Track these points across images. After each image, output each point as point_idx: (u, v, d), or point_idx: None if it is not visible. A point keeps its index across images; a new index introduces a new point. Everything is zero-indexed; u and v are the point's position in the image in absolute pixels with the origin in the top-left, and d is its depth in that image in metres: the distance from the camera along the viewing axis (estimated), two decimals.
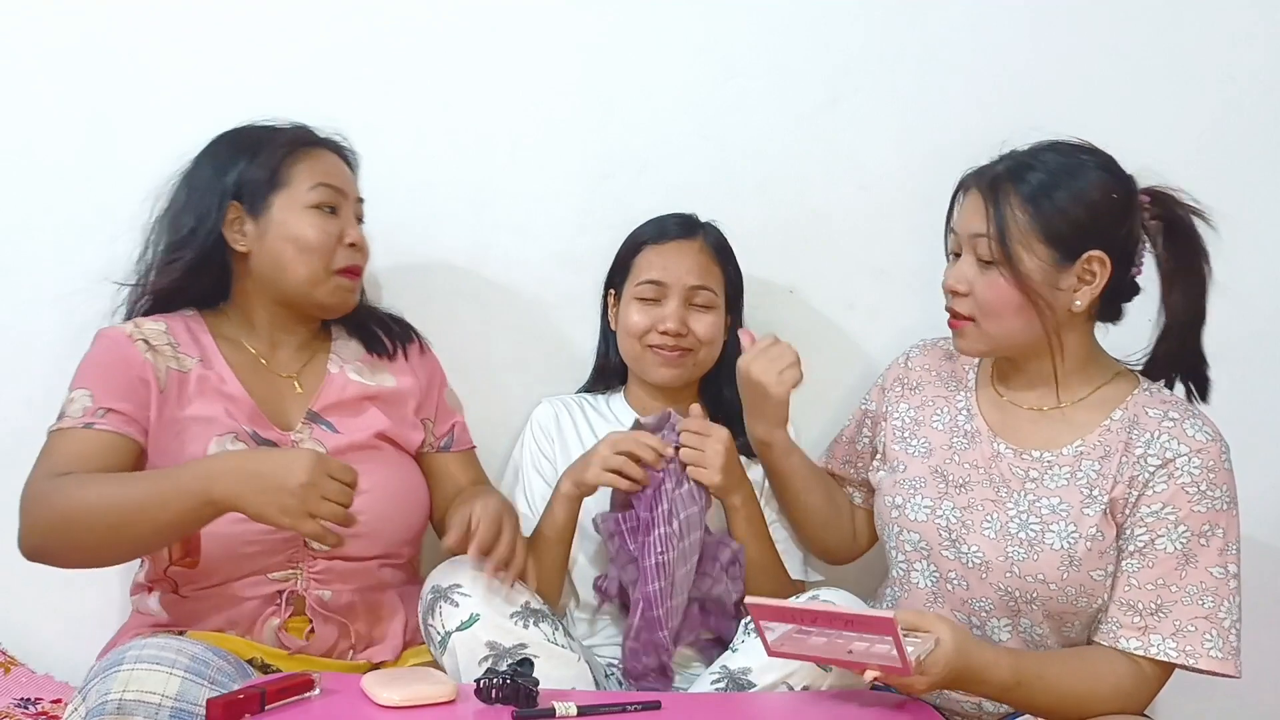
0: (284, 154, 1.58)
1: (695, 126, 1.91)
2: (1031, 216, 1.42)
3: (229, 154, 1.59)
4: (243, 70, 1.85)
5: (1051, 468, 1.47)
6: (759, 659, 1.42)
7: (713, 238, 1.78)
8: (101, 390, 1.50)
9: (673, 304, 1.72)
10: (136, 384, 1.52)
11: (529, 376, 1.91)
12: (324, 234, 1.57)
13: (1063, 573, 1.42)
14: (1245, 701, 1.97)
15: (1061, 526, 1.44)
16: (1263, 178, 1.93)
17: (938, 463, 1.56)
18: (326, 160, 1.62)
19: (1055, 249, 1.42)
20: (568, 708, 1.28)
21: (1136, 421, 1.45)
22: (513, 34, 1.88)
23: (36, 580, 1.88)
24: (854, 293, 1.95)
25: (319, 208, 1.58)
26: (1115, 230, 1.43)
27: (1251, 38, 1.92)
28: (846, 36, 1.91)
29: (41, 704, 1.74)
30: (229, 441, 1.52)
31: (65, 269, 1.82)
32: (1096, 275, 1.43)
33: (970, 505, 1.50)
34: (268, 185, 1.57)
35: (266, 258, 1.58)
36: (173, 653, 1.31)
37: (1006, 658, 1.38)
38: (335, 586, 1.55)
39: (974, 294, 1.47)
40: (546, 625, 1.48)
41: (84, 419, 1.48)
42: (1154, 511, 1.40)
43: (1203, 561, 1.39)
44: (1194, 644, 1.38)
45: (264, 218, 1.57)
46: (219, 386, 1.56)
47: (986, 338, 1.48)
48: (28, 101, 1.84)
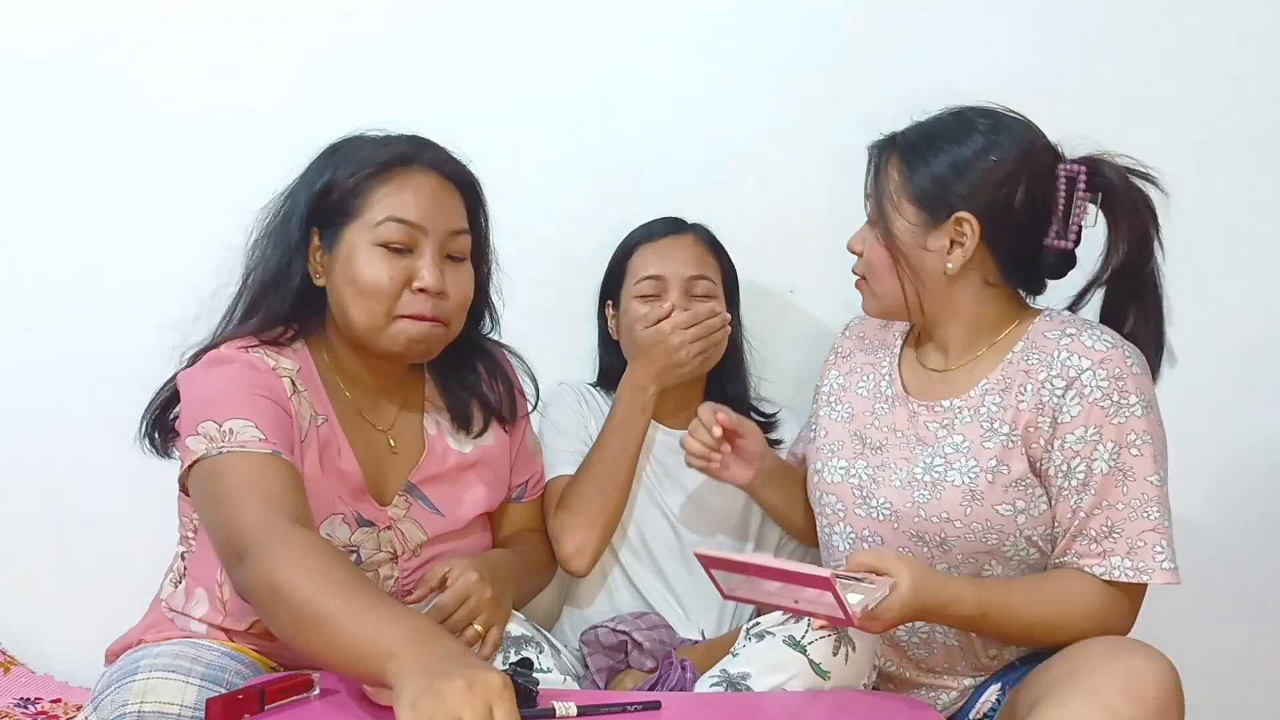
0: (364, 178, 1.39)
1: (695, 126, 1.91)
2: (904, 177, 1.44)
3: (316, 171, 1.42)
4: (243, 70, 1.85)
5: (960, 412, 1.46)
6: (758, 664, 1.42)
7: (703, 233, 1.79)
8: (267, 423, 1.29)
9: (674, 296, 1.72)
10: (287, 422, 1.33)
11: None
12: (383, 277, 1.37)
13: (965, 508, 1.41)
14: (1245, 701, 1.97)
15: (962, 463, 1.43)
16: (1263, 178, 1.93)
17: (858, 427, 1.56)
18: (413, 187, 1.41)
19: (922, 209, 1.43)
20: (568, 708, 1.28)
21: (1035, 346, 1.43)
22: (512, 34, 1.88)
23: (36, 580, 1.89)
24: (854, 293, 1.93)
25: (386, 246, 1.38)
26: (991, 193, 1.40)
27: (1252, 38, 1.92)
28: (846, 36, 1.91)
29: (41, 704, 1.74)
30: (338, 524, 1.39)
31: (65, 271, 1.82)
32: (966, 237, 1.41)
33: (883, 464, 1.50)
34: (342, 214, 1.40)
35: (334, 295, 1.41)
36: (188, 660, 1.29)
37: (970, 589, 1.36)
38: None
39: (864, 254, 1.50)
40: (530, 650, 1.44)
41: (268, 446, 1.27)
42: (1078, 437, 1.37)
43: (1139, 472, 1.36)
44: (1146, 559, 1.36)
45: (335, 250, 1.40)
46: (335, 459, 1.40)
47: (875, 298, 1.51)
48: (33, 102, 1.84)
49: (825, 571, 1.23)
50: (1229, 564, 1.92)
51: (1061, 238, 1.43)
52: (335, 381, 1.44)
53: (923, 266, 1.45)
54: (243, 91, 1.84)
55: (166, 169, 1.82)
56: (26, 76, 1.84)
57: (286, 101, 1.84)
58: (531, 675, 1.30)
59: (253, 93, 1.83)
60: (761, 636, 1.47)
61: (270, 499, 1.22)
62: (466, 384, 1.55)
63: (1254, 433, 1.95)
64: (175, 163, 1.83)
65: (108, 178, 1.84)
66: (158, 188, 1.81)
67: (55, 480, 1.84)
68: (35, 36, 1.83)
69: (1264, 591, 1.96)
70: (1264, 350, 1.95)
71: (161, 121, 1.84)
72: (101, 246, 1.82)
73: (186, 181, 1.84)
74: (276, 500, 1.22)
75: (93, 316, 1.68)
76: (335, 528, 1.39)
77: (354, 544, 1.41)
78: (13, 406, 1.84)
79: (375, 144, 1.43)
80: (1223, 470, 1.92)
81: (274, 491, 1.23)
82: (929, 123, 1.48)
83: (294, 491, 1.25)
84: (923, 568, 1.35)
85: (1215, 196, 1.89)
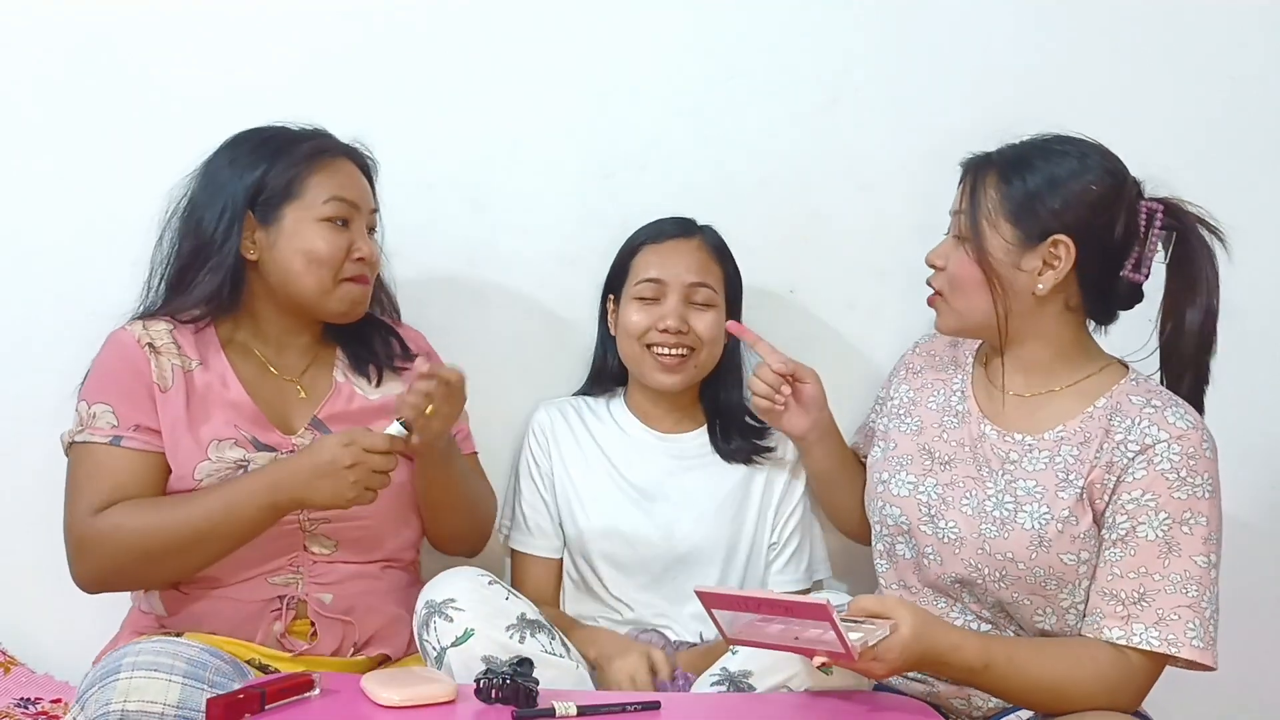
0: (302, 165, 1.57)
1: (695, 126, 1.91)
2: (1002, 195, 1.45)
3: (247, 160, 1.57)
4: (244, 70, 1.85)
5: (1031, 450, 1.48)
6: (760, 661, 1.42)
7: (710, 238, 1.78)
8: (124, 405, 1.52)
9: (672, 301, 1.72)
10: (147, 393, 1.53)
11: (529, 376, 1.91)
12: (334, 247, 1.56)
13: (1031, 552, 1.43)
14: (1245, 702, 1.97)
15: (1034, 508, 1.44)
16: (1264, 178, 1.93)
17: (926, 440, 1.58)
18: (343, 171, 1.61)
19: (1019, 228, 1.44)
20: (568, 707, 1.28)
21: (1119, 409, 1.45)
22: (512, 34, 1.88)
23: (36, 580, 1.88)
24: (854, 293, 1.95)
25: (331, 221, 1.57)
26: (1088, 219, 1.43)
27: (1252, 38, 1.92)
28: (846, 36, 1.91)
29: (41, 704, 1.74)
30: (228, 447, 1.53)
31: (72, 266, 1.82)
32: (1061, 260, 1.43)
33: (952, 482, 1.52)
34: (282, 196, 1.56)
35: (275, 266, 1.57)
36: (170, 658, 1.31)
37: (974, 640, 1.37)
38: (336, 589, 1.55)
39: (946, 269, 1.51)
40: (543, 636, 1.46)
41: (111, 433, 1.50)
42: (1134, 498, 1.39)
43: (1185, 550, 1.38)
44: (1176, 632, 1.36)
45: (275, 227, 1.56)
46: (220, 391, 1.56)
47: (955, 314, 1.51)
48: (34, 102, 1.84)
49: (822, 599, 1.24)
50: (1228, 564, 1.92)
51: (1137, 270, 1.45)
52: (239, 341, 1.62)
53: (1013, 286, 1.46)
54: (243, 92, 1.83)
55: (168, 169, 1.81)
56: (31, 77, 1.84)
57: (287, 102, 1.84)
58: (532, 675, 1.31)
59: (253, 93, 1.83)
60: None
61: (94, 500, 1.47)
62: (364, 339, 1.70)
63: (1254, 434, 1.95)
64: (178, 161, 1.82)
65: (107, 177, 1.84)
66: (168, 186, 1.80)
67: (55, 480, 1.84)
68: (38, 36, 1.83)
69: (1264, 592, 1.96)
70: (1264, 351, 1.95)
71: (165, 121, 1.84)
72: (102, 247, 1.82)
73: None
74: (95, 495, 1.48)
75: (92, 316, 1.68)
76: (225, 450, 1.53)
77: (248, 460, 1.53)
78: (13, 406, 1.84)
79: (296, 135, 1.60)
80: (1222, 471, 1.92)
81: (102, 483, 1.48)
82: (1023, 145, 1.49)
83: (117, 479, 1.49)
84: (926, 614, 1.35)
85: (1215, 197, 1.89)
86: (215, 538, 1.47)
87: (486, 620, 1.43)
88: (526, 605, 1.49)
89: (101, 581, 1.52)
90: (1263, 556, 1.96)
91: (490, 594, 1.47)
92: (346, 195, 1.58)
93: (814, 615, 1.24)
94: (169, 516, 1.46)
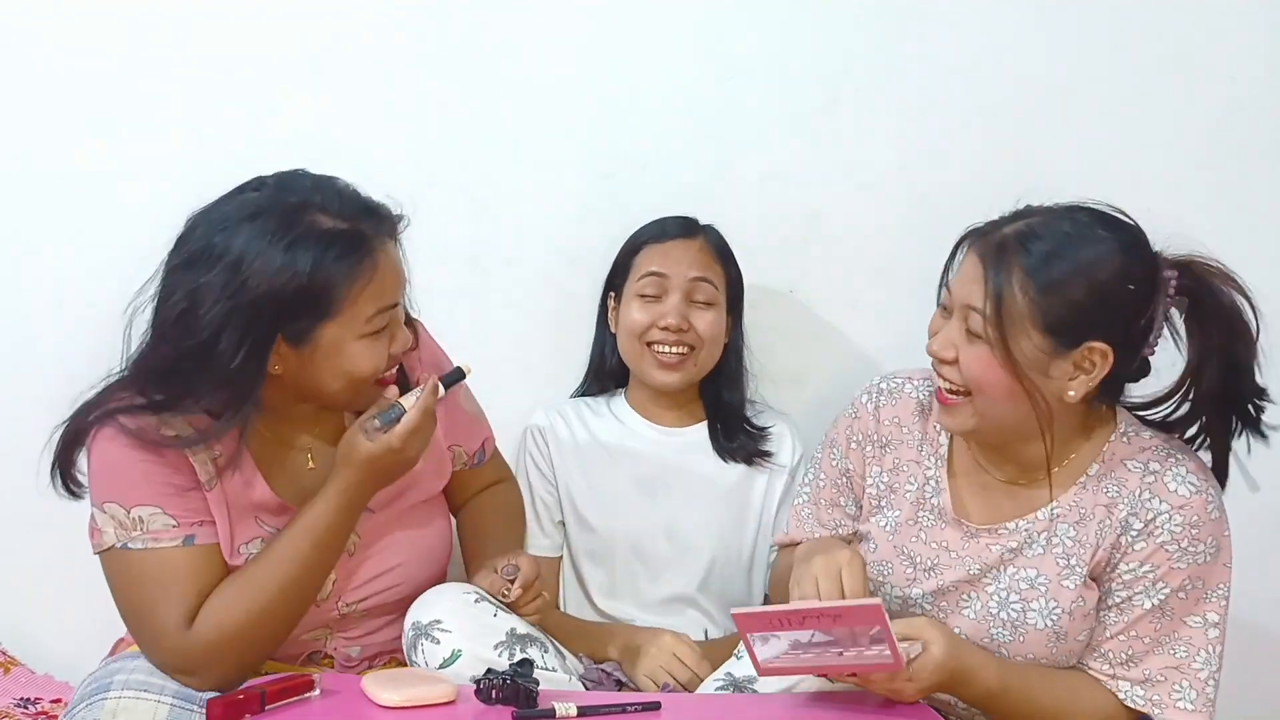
0: (343, 277, 1.31)
1: (695, 126, 1.91)
2: (1032, 300, 1.28)
3: (273, 259, 1.28)
4: (244, 70, 1.85)
5: (1029, 537, 1.41)
6: None
7: (713, 238, 1.78)
8: (173, 504, 1.35)
9: (674, 298, 1.71)
10: (194, 486, 1.37)
11: (529, 376, 1.91)
12: (377, 362, 1.38)
13: (1051, 647, 1.40)
14: (1245, 702, 1.97)
15: (1042, 604, 1.39)
16: (1264, 178, 1.93)
17: (902, 541, 1.48)
18: (388, 268, 1.36)
19: (1053, 337, 1.29)
20: (568, 708, 1.28)
21: (1114, 476, 1.37)
22: (512, 34, 1.88)
23: (36, 580, 1.89)
24: (854, 293, 1.95)
25: (375, 334, 1.37)
26: (1126, 322, 1.30)
27: (1253, 38, 1.92)
28: (846, 37, 1.91)
29: (41, 704, 1.74)
30: (255, 545, 1.41)
31: (66, 274, 1.82)
32: (1096, 366, 1.31)
33: (941, 590, 1.45)
34: (321, 314, 1.32)
35: (306, 381, 1.37)
36: (160, 678, 1.31)
37: (994, 664, 1.36)
38: (364, 641, 1.51)
39: (960, 363, 1.35)
40: (535, 650, 1.43)
41: (178, 534, 1.35)
42: (1131, 569, 1.36)
43: (1178, 613, 1.35)
44: (1161, 694, 1.35)
45: (308, 347, 1.34)
46: (246, 492, 1.41)
47: (979, 417, 1.36)
48: (32, 107, 1.84)
49: (875, 600, 1.20)
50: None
51: (1152, 347, 1.33)
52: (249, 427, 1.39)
53: (1046, 391, 1.32)
54: (244, 92, 1.83)
55: (169, 170, 1.81)
56: (30, 82, 1.84)
57: (287, 101, 1.84)
58: (532, 676, 1.31)
59: (254, 94, 1.83)
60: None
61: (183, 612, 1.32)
62: None
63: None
64: (177, 162, 1.82)
65: (107, 177, 1.84)
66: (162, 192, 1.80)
67: None
68: (38, 42, 1.83)
69: (1264, 594, 1.96)
70: (1266, 352, 1.95)
71: (164, 123, 1.84)
72: (101, 247, 1.82)
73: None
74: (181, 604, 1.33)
75: (93, 317, 1.68)
76: (254, 549, 1.41)
77: None
78: (13, 406, 1.84)
79: (333, 230, 1.32)
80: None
81: (184, 590, 1.33)
82: (1046, 229, 1.31)
83: (200, 581, 1.34)
84: (953, 634, 1.33)
85: (1215, 197, 1.89)
86: (315, 570, 1.38)
87: (474, 639, 1.39)
88: (516, 620, 1.45)
89: (230, 681, 1.34)
90: (1263, 559, 1.96)
91: (477, 611, 1.42)
92: (391, 300, 1.37)
93: (864, 618, 1.20)
94: (264, 582, 1.34)
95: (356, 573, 1.48)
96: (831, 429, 1.61)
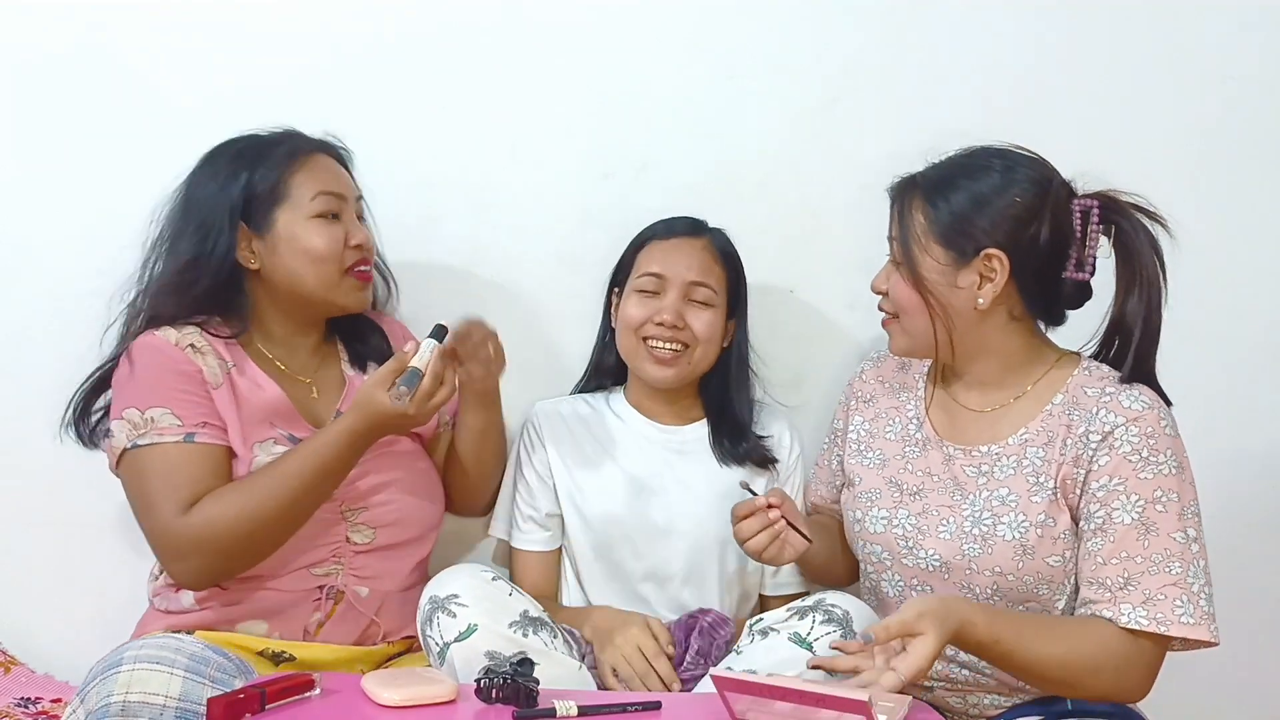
0: (283, 167, 1.59)
1: (695, 126, 1.91)
2: (928, 218, 1.47)
3: (227, 172, 1.59)
4: (244, 70, 1.85)
5: (1000, 459, 1.50)
6: (764, 662, 1.42)
7: (719, 240, 1.78)
8: (182, 405, 1.53)
9: (671, 297, 1.72)
10: (203, 390, 1.55)
11: (528, 376, 1.90)
12: (331, 241, 1.60)
13: (1018, 562, 1.44)
14: (1245, 701, 1.97)
15: (1012, 517, 1.46)
16: (1263, 178, 1.93)
17: (892, 473, 1.59)
18: (323, 166, 1.64)
19: (950, 248, 1.46)
20: (568, 707, 1.28)
21: (1076, 403, 1.46)
22: (512, 34, 1.88)
23: (36, 580, 1.89)
24: (854, 293, 1.93)
25: (322, 216, 1.60)
26: (1017, 230, 1.44)
27: (1250, 39, 1.92)
28: (846, 36, 1.91)
29: (41, 704, 1.74)
30: (271, 445, 1.56)
31: (65, 272, 1.82)
32: (996, 273, 1.44)
33: (925, 511, 1.53)
34: (270, 201, 1.59)
35: (279, 272, 1.60)
36: (172, 652, 1.32)
37: (982, 617, 1.34)
38: (371, 583, 1.60)
39: (889, 293, 1.53)
40: (545, 633, 1.47)
41: (180, 432, 1.51)
42: (1103, 485, 1.41)
43: (1163, 528, 1.39)
44: (1164, 611, 1.37)
45: (270, 234, 1.59)
46: (257, 393, 1.59)
47: (906, 336, 1.53)
48: (30, 104, 1.84)
49: (863, 694, 1.19)
50: (1228, 565, 1.92)
51: (1080, 270, 1.47)
52: (255, 347, 1.64)
53: (952, 304, 1.47)
54: (244, 92, 1.83)
55: (168, 172, 1.81)
56: (28, 81, 1.84)
57: (288, 101, 1.84)
58: (532, 675, 1.31)
59: (254, 94, 1.83)
60: (766, 634, 1.47)
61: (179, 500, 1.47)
62: (362, 336, 1.76)
63: (1253, 436, 1.95)
64: (177, 165, 1.82)
65: (105, 176, 1.84)
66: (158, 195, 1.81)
67: (55, 480, 1.84)
68: (35, 40, 1.83)
69: (1263, 594, 1.96)
70: (1264, 353, 1.95)
71: (164, 124, 1.84)
72: (102, 248, 1.82)
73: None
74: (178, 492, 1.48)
75: (93, 316, 1.68)
76: (270, 449, 1.55)
77: None
78: (13, 406, 1.84)
79: (269, 140, 1.63)
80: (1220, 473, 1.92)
81: (181, 481, 1.48)
82: (946, 164, 1.51)
83: (196, 475, 1.49)
84: (942, 608, 1.31)
85: (1215, 197, 1.89)
86: (311, 496, 1.51)
87: (490, 616, 1.44)
88: (529, 602, 1.50)
89: (211, 577, 1.52)
90: (1264, 558, 1.96)
91: (493, 590, 1.48)
92: (332, 188, 1.61)
93: (851, 710, 1.17)
94: (262, 493, 1.48)
95: (356, 484, 1.59)
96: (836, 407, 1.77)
